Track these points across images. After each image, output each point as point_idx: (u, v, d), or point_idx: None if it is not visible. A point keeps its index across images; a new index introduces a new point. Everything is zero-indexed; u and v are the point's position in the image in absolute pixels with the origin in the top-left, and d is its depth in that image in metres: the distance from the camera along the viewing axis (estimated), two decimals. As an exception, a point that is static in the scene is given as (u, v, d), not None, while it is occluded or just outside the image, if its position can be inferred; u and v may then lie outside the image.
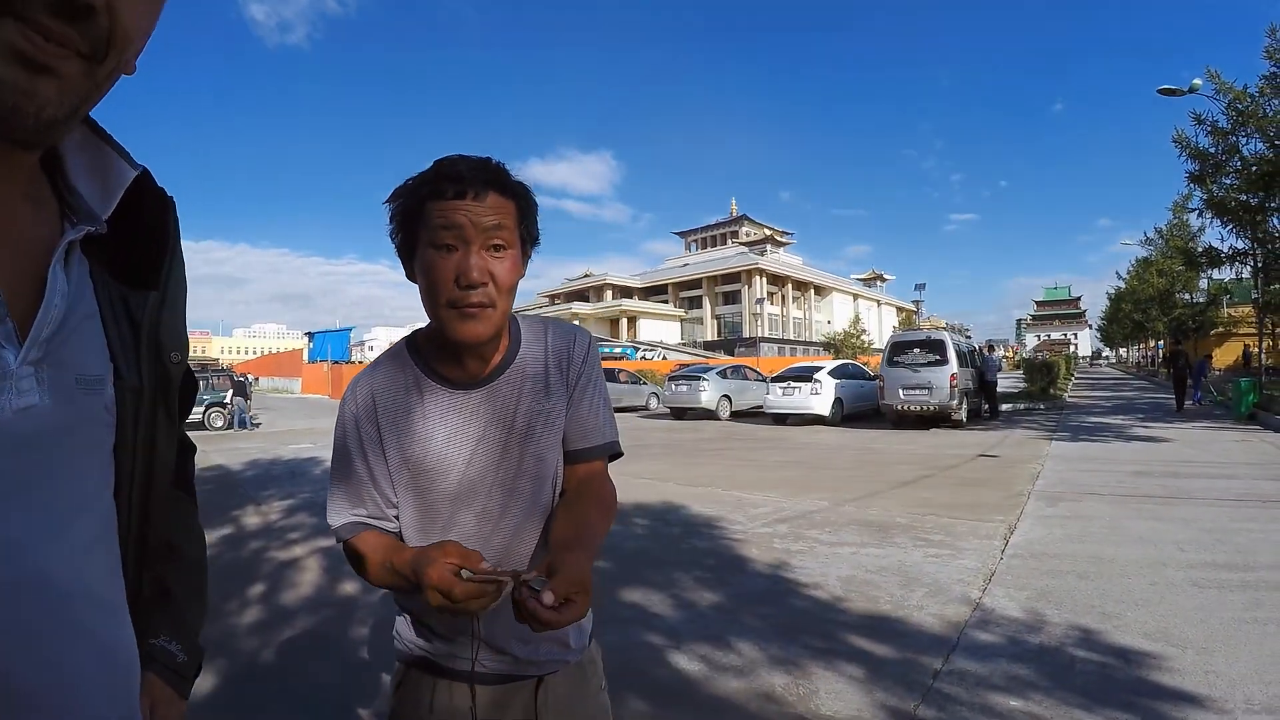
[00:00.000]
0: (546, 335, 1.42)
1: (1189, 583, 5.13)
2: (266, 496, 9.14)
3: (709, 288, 79.51)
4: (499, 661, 1.36)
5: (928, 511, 7.65)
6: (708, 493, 9.05)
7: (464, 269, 1.18)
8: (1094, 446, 13.16)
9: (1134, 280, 48.12)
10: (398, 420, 1.32)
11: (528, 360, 1.38)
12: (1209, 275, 32.24)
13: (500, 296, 1.23)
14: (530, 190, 1.31)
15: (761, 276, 74.77)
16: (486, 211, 1.19)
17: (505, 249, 1.23)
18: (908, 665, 3.86)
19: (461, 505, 1.32)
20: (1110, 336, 70.45)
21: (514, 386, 1.35)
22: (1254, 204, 18.11)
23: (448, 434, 1.32)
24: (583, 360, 1.43)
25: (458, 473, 1.31)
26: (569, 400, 1.40)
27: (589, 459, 1.43)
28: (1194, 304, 41.20)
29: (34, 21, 0.60)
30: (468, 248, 1.19)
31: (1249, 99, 16.76)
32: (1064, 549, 6.07)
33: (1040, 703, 3.40)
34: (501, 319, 1.27)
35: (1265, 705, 3.32)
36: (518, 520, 1.35)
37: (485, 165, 1.24)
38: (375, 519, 1.32)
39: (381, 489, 1.32)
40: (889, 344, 18.79)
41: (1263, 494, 8.20)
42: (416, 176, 1.25)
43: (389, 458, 1.31)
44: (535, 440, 1.35)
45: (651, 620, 4.63)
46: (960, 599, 4.90)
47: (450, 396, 1.33)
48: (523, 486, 1.35)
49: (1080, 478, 9.62)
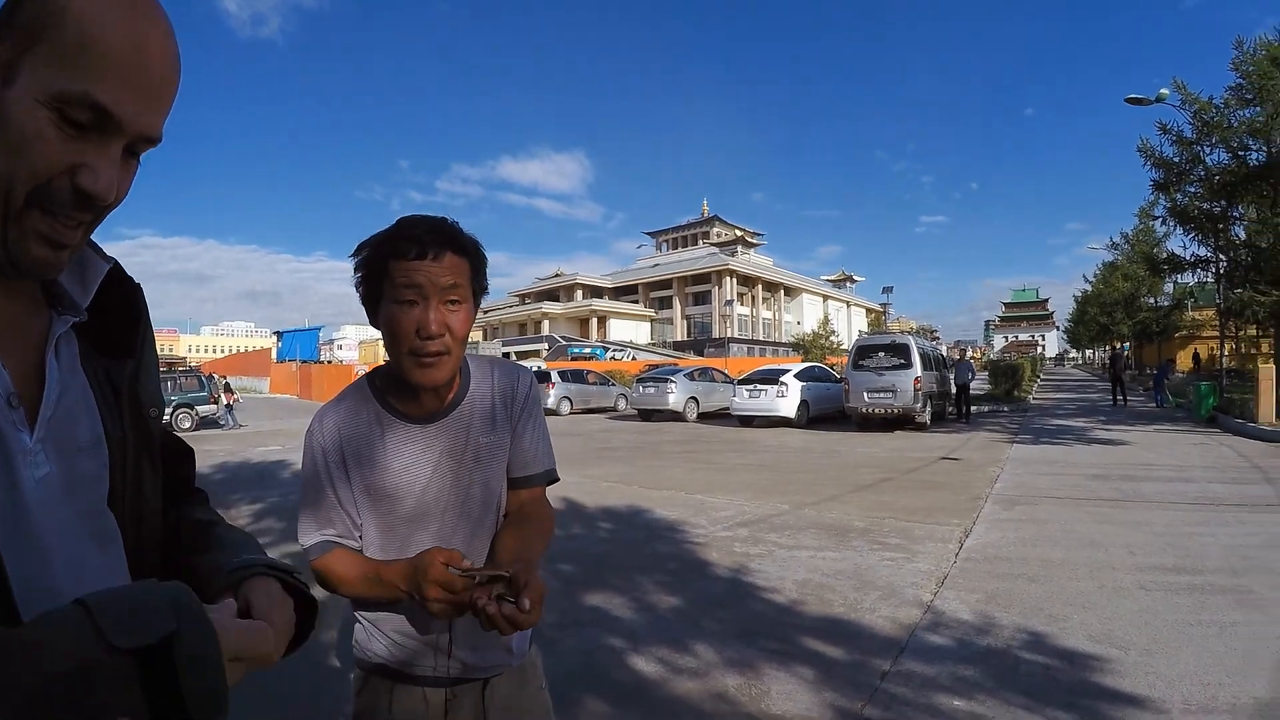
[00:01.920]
0: (493, 374, 1.58)
1: (1136, 586, 5.30)
2: (235, 500, 9.10)
3: (679, 288, 79.65)
4: (450, 666, 1.51)
5: (886, 515, 7.81)
6: (672, 496, 9.17)
7: (424, 322, 1.34)
8: (1054, 449, 13.44)
9: (1100, 284, 48.94)
10: (360, 450, 1.46)
11: (477, 397, 1.54)
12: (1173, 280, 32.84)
13: (455, 344, 1.39)
14: (480, 246, 1.46)
15: (732, 277, 75.04)
16: (443, 271, 1.34)
17: (460, 303, 1.38)
18: (857, 666, 3.99)
19: (418, 527, 1.47)
20: (1077, 338, 71.42)
21: (465, 421, 1.51)
22: (1216, 212, 18.59)
23: (405, 463, 1.46)
24: (525, 397, 1.59)
25: (414, 498, 1.46)
26: (513, 433, 1.56)
27: (530, 485, 1.59)
28: (1158, 308, 41.89)
29: (61, 216, 0.75)
30: (427, 303, 1.34)
31: (1214, 110, 17.18)
32: (1016, 552, 6.25)
33: (984, 703, 3.53)
34: (457, 363, 1.43)
35: (1202, 705, 3.47)
36: (467, 539, 1.50)
37: (442, 227, 1.38)
38: (343, 538, 1.46)
39: (348, 511, 1.46)
40: (854, 347, 19.05)
41: (1216, 497, 8.45)
42: (380, 234, 1.39)
43: (353, 484, 1.46)
44: (483, 469, 1.52)
45: (613, 623, 4.73)
46: (912, 602, 5.04)
47: (407, 430, 1.48)
48: (472, 510, 1.51)
49: (1038, 481, 9.85)
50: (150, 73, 0.75)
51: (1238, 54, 16.59)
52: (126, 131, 0.75)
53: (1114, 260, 44.82)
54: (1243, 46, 16.50)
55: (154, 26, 0.76)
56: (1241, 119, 16.98)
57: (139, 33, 0.74)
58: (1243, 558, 5.91)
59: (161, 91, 0.78)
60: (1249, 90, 16.47)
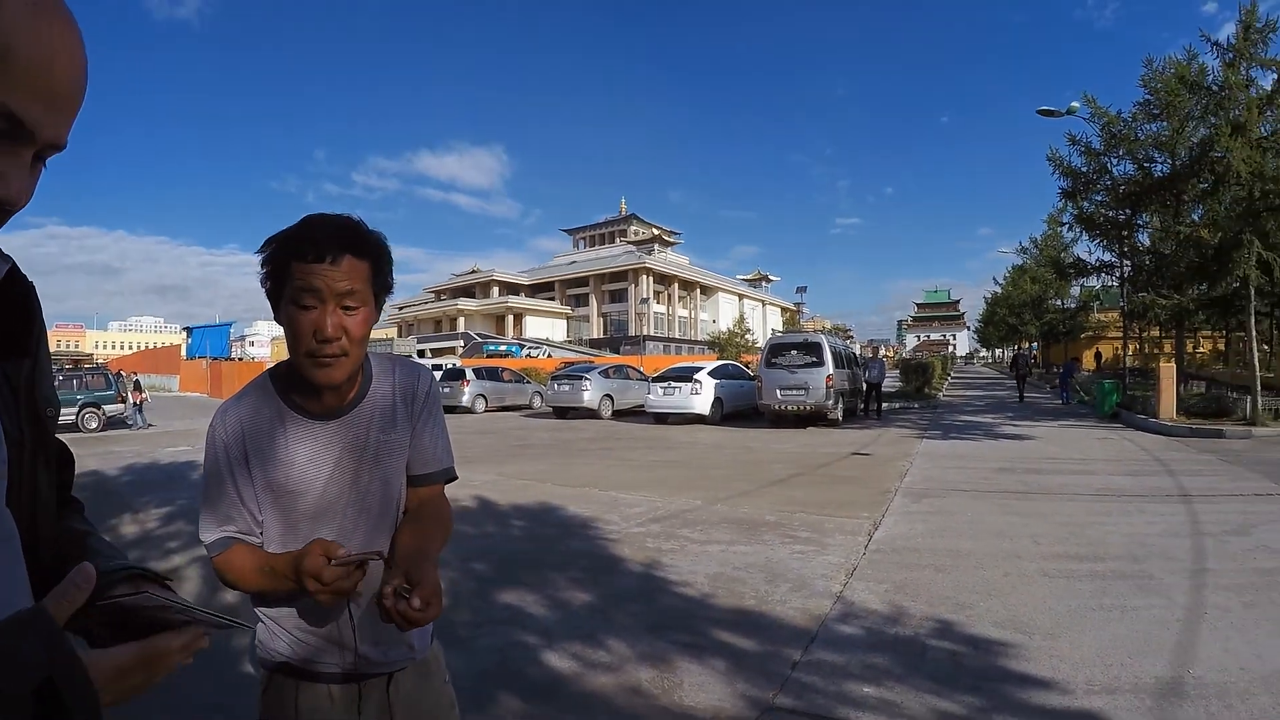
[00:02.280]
0: (394, 372, 1.60)
1: (1040, 573, 5.51)
2: (144, 503, 8.74)
3: (596, 286, 79.61)
4: (354, 663, 1.51)
5: (797, 509, 7.95)
6: (585, 493, 9.15)
7: (320, 325, 1.34)
8: (963, 444, 13.90)
9: (1010, 286, 50.70)
10: (262, 446, 1.46)
11: (378, 395, 1.55)
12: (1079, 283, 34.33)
13: (353, 346, 1.39)
14: (385, 246, 1.46)
15: (648, 275, 75.35)
16: (341, 276, 1.34)
17: (358, 307, 1.38)
18: (769, 657, 4.05)
19: (319, 523, 1.47)
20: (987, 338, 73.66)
21: (365, 418, 1.52)
22: (1121, 220, 19.51)
23: (306, 459, 1.47)
24: (425, 395, 1.61)
25: (315, 494, 1.47)
26: (412, 431, 1.58)
27: (429, 483, 1.62)
28: (1065, 309, 43.55)
29: None
30: (324, 307, 1.34)
31: (1122, 123, 18.03)
32: (924, 543, 6.43)
33: (893, 689, 3.62)
34: (354, 364, 1.43)
35: (1105, 685, 3.63)
36: (367, 536, 1.51)
37: (343, 228, 1.38)
38: (244, 534, 1.46)
39: (249, 507, 1.46)
40: (767, 346, 19.32)
41: (1118, 489, 8.86)
42: (284, 232, 1.39)
43: (254, 480, 1.46)
44: (383, 466, 1.53)
45: (526, 621, 4.69)
46: (822, 593, 5.14)
47: (309, 426, 1.48)
48: (372, 506, 1.52)
49: (946, 475, 10.17)
50: (62, 83, 0.76)
51: (1147, 72, 17.42)
52: (38, 140, 0.76)
53: (1023, 264, 46.49)
54: (1152, 65, 17.34)
55: (67, 37, 0.77)
56: (1148, 133, 17.87)
57: (53, 45, 0.75)
58: (1143, 545, 6.21)
59: (71, 101, 0.78)
60: (1156, 106, 17.34)
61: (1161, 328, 26.96)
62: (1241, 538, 6.35)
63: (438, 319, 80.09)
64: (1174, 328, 21.95)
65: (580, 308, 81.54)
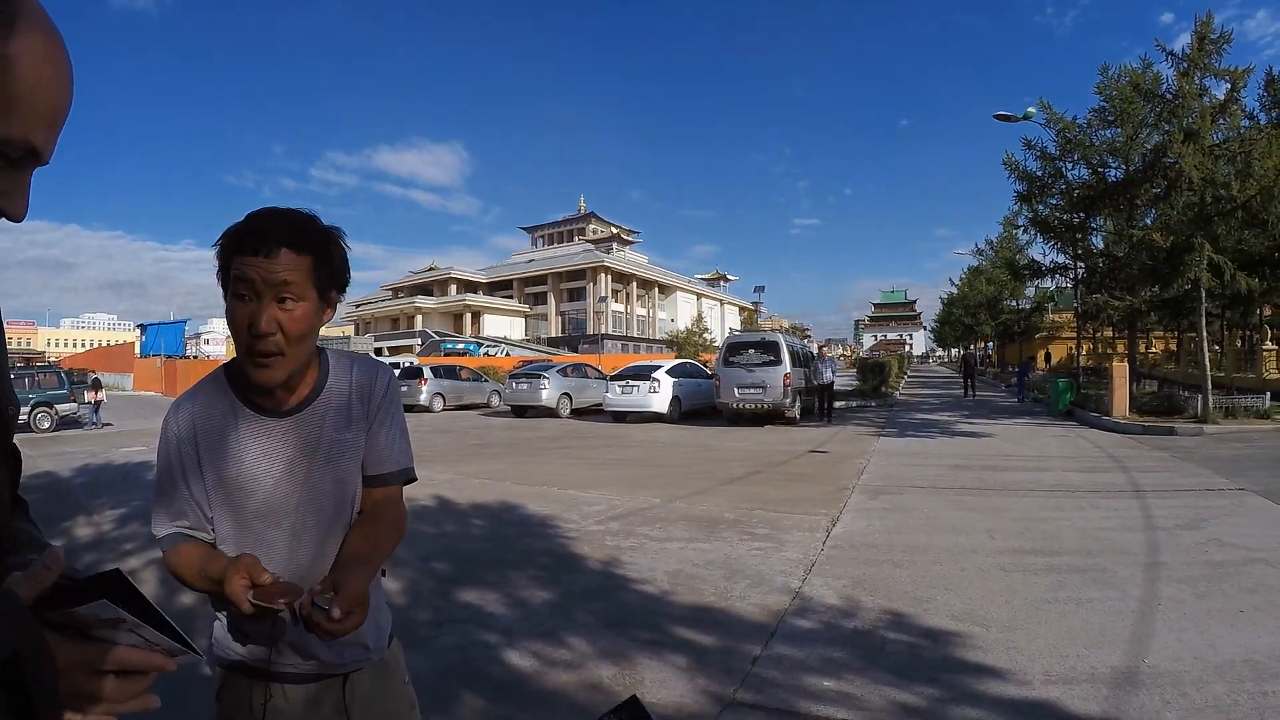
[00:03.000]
0: (352, 370, 1.56)
1: (996, 568, 5.58)
2: (99, 505, 8.47)
3: (554, 284, 79.37)
4: (309, 664, 1.49)
5: (756, 507, 7.97)
6: (544, 492, 9.08)
7: (254, 319, 1.31)
8: (919, 442, 14.06)
9: (966, 287, 51.43)
10: (214, 443, 1.43)
11: (333, 392, 1.51)
12: (1034, 284, 34.96)
13: (290, 345, 1.36)
14: (333, 240, 1.43)
15: (607, 274, 75.26)
16: (276, 268, 1.31)
17: (296, 301, 1.34)
18: (729, 653, 4.04)
19: (270, 523, 1.45)
20: (943, 338, 74.68)
21: (319, 416, 1.49)
22: (1075, 223, 19.92)
23: (257, 456, 1.44)
24: (383, 394, 1.57)
25: (265, 492, 1.44)
26: (368, 430, 1.54)
27: (385, 484, 1.57)
28: (1020, 310, 44.32)
29: None
30: (259, 300, 1.32)
31: (1077, 129, 18.40)
32: (882, 539, 6.48)
33: (853, 682, 3.64)
34: (294, 363, 1.39)
35: (1062, 676, 3.68)
36: (321, 537, 1.48)
37: (285, 222, 1.35)
38: (195, 530, 1.43)
39: (199, 503, 1.43)
40: (725, 344, 19.39)
41: (1071, 485, 9.02)
42: (234, 225, 1.36)
43: (206, 476, 1.43)
44: (337, 466, 1.49)
45: (487, 620, 4.64)
46: (781, 589, 5.15)
47: (262, 423, 1.45)
48: (325, 507, 1.49)
49: (903, 472, 10.27)
50: (65, 113, 0.79)
51: (1103, 79, 17.83)
52: (44, 161, 0.78)
53: (979, 265, 47.23)
54: (1108, 72, 17.75)
55: (68, 69, 0.79)
56: (1103, 138, 18.34)
57: (64, 80, 0.78)
58: (1097, 539, 6.32)
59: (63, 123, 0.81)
60: (1111, 113, 17.76)
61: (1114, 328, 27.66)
62: (1193, 531, 6.49)
63: (395, 317, 79.27)
64: (1127, 328, 22.49)
65: (538, 306, 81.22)
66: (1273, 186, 13.97)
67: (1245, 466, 10.12)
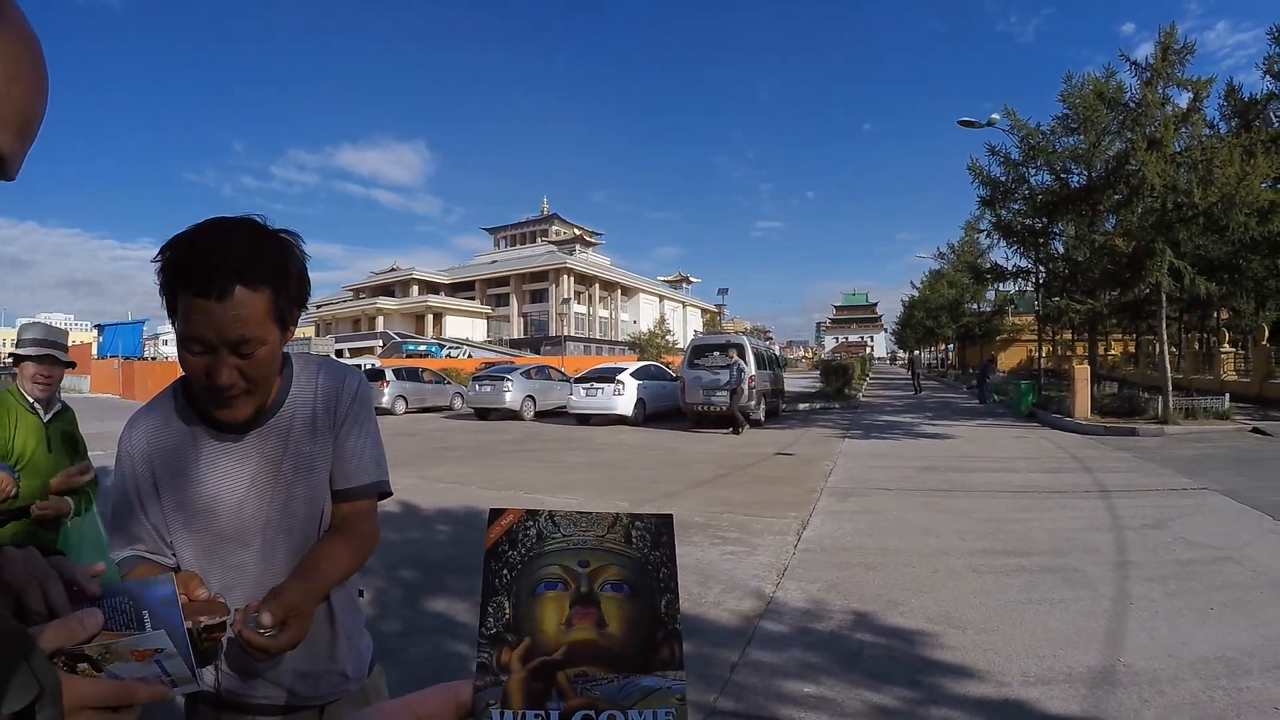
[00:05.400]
0: (318, 376, 1.45)
1: (969, 569, 5.60)
2: None
3: (517, 285, 79.15)
4: (282, 693, 1.39)
5: (725, 510, 7.93)
6: (511, 496, 8.97)
7: (213, 375, 1.19)
8: (884, 444, 14.13)
9: (927, 290, 52.01)
10: (171, 464, 1.34)
11: (297, 402, 1.41)
12: (996, 287, 35.42)
13: (258, 385, 1.26)
14: (291, 254, 1.28)
15: (569, 275, 75.23)
16: (230, 319, 1.16)
17: (257, 345, 1.21)
18: (706, 660, 3.98)
19: (238, 545, 1.35)
20: (904, 340, 75.37)
21: (282, 430, 1.38)
22: (1038, 228, 20.21)
23: (219, 477, 1.34)
24: (351, 400, 1.45)
25: (229, 515, 1.34)
26: (335, 441, 1.43)
27: (354, 499, 1.46)
28: (981, 313, 44.85)
29: None
30: (215, 354, 1.19)
31: (1040, 135, 18.68)
32: (853, 542, 6.47)
33: (831, 686, 3.61)
34: (263, 396, 1.31)
35: (1040, 676, 3.69)
36: (286, 559, 1.38)
37: (234, 249, 1.17)
38: (153, 554, 1.34)
39: (155, 526, 1.34)
40: (690, 346, 19.35)
41: (1037, 486, 9.11)
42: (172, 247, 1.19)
43: (163, 500, 1.34)
44: (303, 483, 1.39)
45: (458, 629, 4.53)
46: (755, 594, 5.10)
47: (221, 441, 1.35)
48: (294, 526, 1.39)
49: (870, 474, 10.30)
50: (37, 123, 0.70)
51: (1066, 87, 18.15)
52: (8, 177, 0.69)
53: (940, 269, 47.79)
54: (1071, 80, 18.07)
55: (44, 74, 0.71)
56: (1066, 145, 18.65)
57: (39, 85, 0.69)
58: (1066, 539, 6.37)
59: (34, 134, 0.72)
60: (1074, 120, 18.07)
61: (1075, 331, 28.02)
62: (1159, 531, 6.57)
63: (356, 318, 78.56)
64: (1087, 331, 22.80)
65: (501, 307, 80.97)
66: (1234, 194, 14.25)
67: (1207, 466, 10.30)
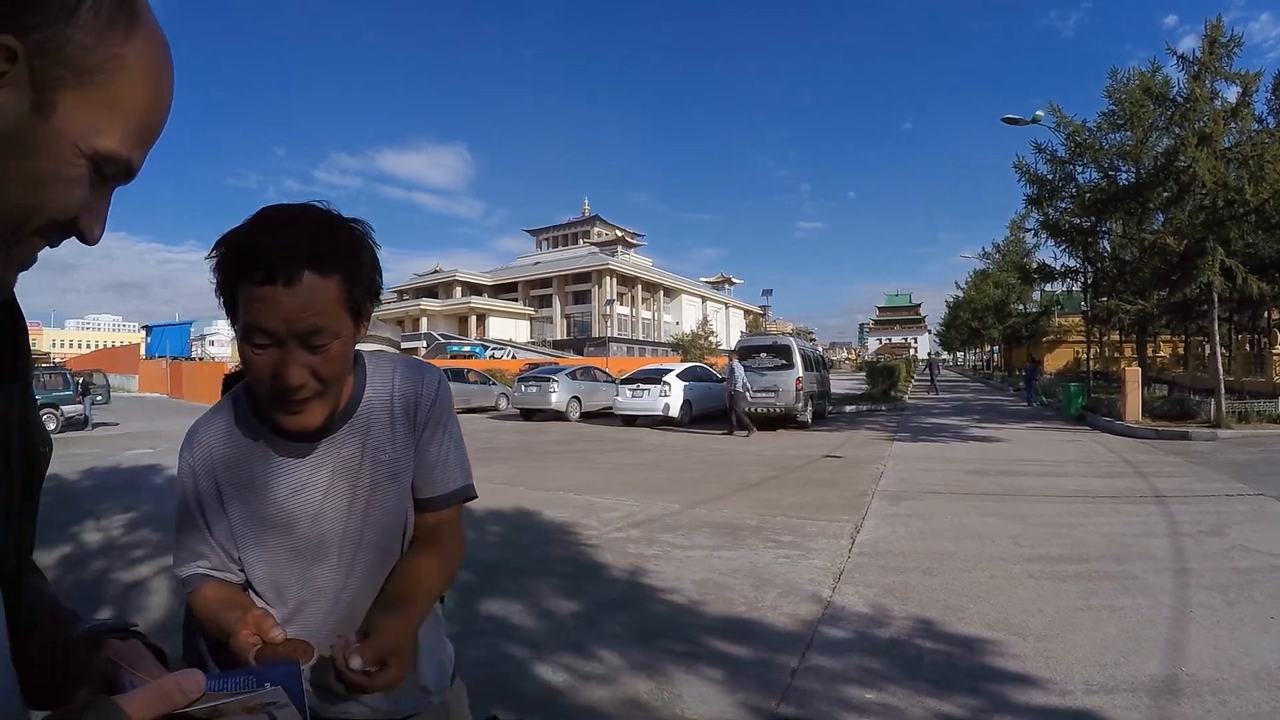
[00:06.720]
0: (394, 377, 1.35)
1: (1026, 575, 5.54)
2: (106, 510, 8.37)
3: (559, 287, 79.42)
4: (364, 709, 1.33)
5: (777, 513, 7.92)
6: (559, 497, 9.04)
7: (281, 373, 1.10)
8: (933, 446, 14.02)
9: (972, 290, 51.45)
10: (237, 475, 1.26)
11: (374, 406, 1.31)
12: (1042, 288, 34.89)
13: (329, 386, 1.17)
14: (363, 242, 1.19)
15: (612, 277, 75.33)
16: (299, 306, 1.07)
17: (329, 340, 1.12)
18: (766, 665, 4.00)
19: (313, 560, 1.28)
20: (949, 341, 74.66)
21: (358, 436, 1.29)
22: (1086, 227, 19.85)
23: (292, 489, 1.26)
24: (431, 402, 1.36)
25: (305, 528, 1.27)
26: (416, 446, 1.34)
27: (439, 507, 1.38)
28: (1027, 313, 44.16)
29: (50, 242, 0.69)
30: (283, 348, 1.10)
31: (1087, 132, 18.37)
32: (908, 546, 6.44)
33: (894, 694, 3.61)
34: (334, 399, 1.22)
35: (1103, 685, 3.65)
36: (367, 573, 1.31)
37: (301, 233, 1.09)
38: (218, 571, 1.27)
39: (221, 543, 1.27)
40: (737, 348, 19.32)
41: (1091, 490, 8.97)
42: (231, 236, 1.12)
43: (230, 513, 1.26)
44: (381, 492, 1.30)
45: (512, 631, 4.58)
46: (812, 598, 5.11)
47: (292, 449, 1.26)
48: (373, 539, 1.31)
49: (920, 477, 10.22)
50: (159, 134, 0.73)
51: (1112, 82, 17.91)
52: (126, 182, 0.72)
53: (986, 269, 47.16)
54: (1117, 75, 17.86)
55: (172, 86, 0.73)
56: (1113, 142, 18.38)
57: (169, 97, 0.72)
58: (1123, 546, 6.28)
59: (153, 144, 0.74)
60: (1121, 116, 17.80)
61: (1123, 332, 27.51)
62: (1217, 538, 6.45)
63: (400, 319, 79.27)
64: (1136, 332, 22.37)
65: (544, 309, 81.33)
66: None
67: (1262, 471, 10.07)
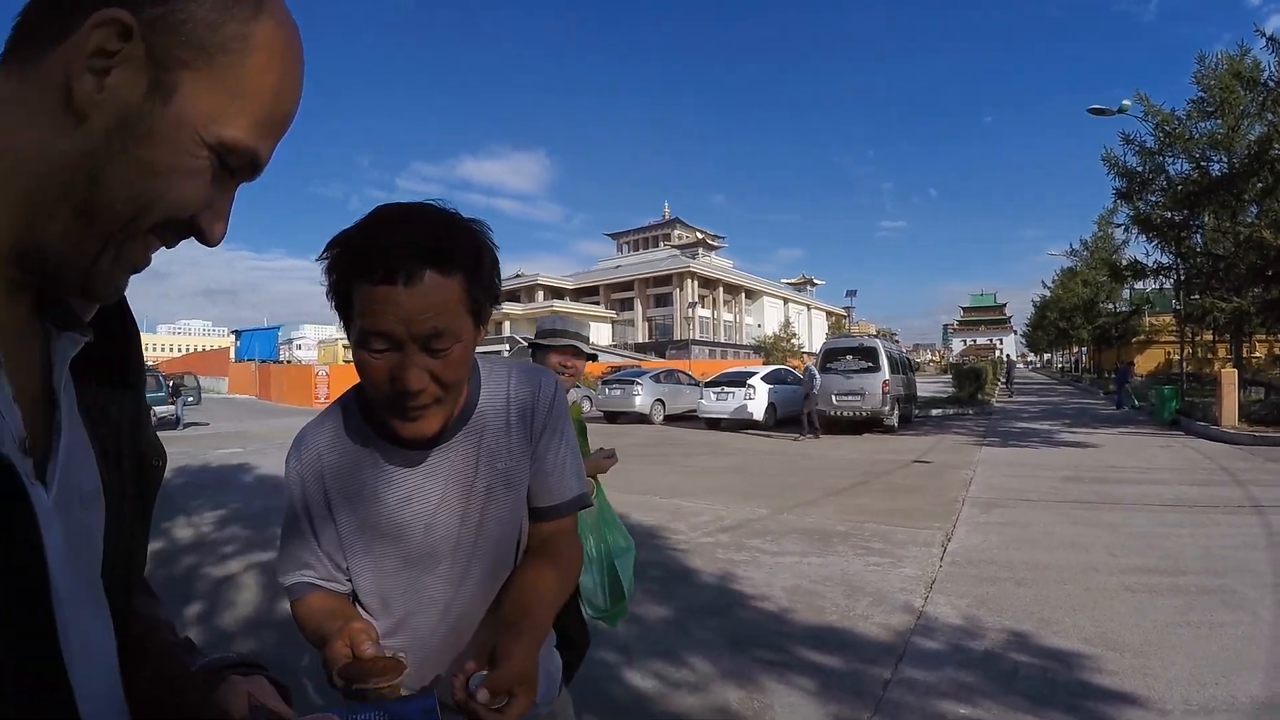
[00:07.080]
0: (509, 383, 1.31)
1: (1122, 587, 5.34)
2: (197, 506, 8.80)
3: (641, 290, 79.70)
4: None
5: (866, 519, 7.79)
6: (646, 500, 9.06)
7: (400, 378, 1.06)
8: (1023, 452, 13.59)
9: (1059, 289, 49.75)
10: (348, 483, 1.24)
11: (488, 413, 1.28)
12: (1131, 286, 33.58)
13: (449, 391, 1.13)
14: (482, 244, 1.15)
15: (693, 279, 75.24)
16: (420, 306, 1.03)
17: (451, 343, 1.08)
18: (858, 676, 3.93)
19: (423, 570, 1.25)
20: (1035, 343, 72.48)
21: (473, 443, 1.26)
22: (1178, 221, 19.00)
23: (403, 497, 1.23)
24: (548, 409, 1.32)
25: (417, 538, 1.24)
26: (533, 454, 1.30)
27: (556, 516, 1.34)
28: (1117, 313, 42.51)
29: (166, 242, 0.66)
30: (402, 351, 1.06)
31: (1176, 121, 17.57)
32: (1000, 555, 6.26)
33: (988, 709, 3.51)
34: (453, 406, 1.19)
35: (1203, 705, 3.49)
36: (480, 584, 1.28)
37: (421, 232, 1.06)
38: (324, 580, 1.26)
39: (328, 552, 1.25)
40: (822, 350, 19.12)
41: (1188, 499, 8.56)
42: (345, 236, 1.09)
43: (340, 522, 1.24)
44: (496, 501, 1.27)
45: (601, 636, 4.59)
46: (904, 607, 5.01)
47: (404, 456, 1.23)
48: (487, 549, 1.27)
49: (1012, 483, 9.92)
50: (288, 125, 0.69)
51: (1199, 68, 17.10)
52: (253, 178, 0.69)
53: (1073, 266, 45.57)
54: (1205, 61, 17.01)
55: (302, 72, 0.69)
56: (1203, 131, 17.48)
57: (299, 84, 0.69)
58: (1222, 558, 5.98)
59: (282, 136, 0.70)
60: (1210, 103, 16.93)
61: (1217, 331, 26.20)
62: (1326, 552, 6.08)
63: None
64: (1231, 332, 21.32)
65: (625, 311, 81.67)
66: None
67: (1371, 482, 9.43)
